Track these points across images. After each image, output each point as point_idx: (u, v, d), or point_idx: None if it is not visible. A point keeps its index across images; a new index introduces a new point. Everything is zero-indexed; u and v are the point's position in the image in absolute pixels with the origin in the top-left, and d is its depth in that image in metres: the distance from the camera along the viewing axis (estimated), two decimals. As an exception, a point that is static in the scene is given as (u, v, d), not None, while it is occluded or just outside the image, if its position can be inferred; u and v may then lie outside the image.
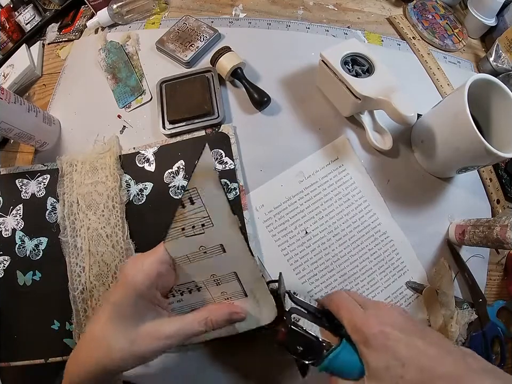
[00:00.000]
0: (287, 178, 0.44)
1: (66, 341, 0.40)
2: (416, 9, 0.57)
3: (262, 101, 0.45)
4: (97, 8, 0.55)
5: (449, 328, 0.40)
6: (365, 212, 0.43)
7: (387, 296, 0.41)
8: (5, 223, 0.44)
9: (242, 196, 0.42)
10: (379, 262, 0.42)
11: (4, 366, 0.40)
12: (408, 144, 0.46)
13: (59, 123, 0.50)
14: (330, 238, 0.42)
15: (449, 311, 0.40)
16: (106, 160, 0.44)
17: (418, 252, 0.42)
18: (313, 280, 0.41)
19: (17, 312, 0.42)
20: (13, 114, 0.41)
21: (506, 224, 0.35)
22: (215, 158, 0.44)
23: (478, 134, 0.34)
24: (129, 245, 0.41)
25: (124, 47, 0.52)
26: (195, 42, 0.51)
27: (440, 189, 0.45)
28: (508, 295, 0.44)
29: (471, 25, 0.57)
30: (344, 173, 0.44)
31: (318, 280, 0.41)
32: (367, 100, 0.40)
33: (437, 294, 0.41)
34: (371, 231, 0.42)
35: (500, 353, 0.40)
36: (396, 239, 0.42)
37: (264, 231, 0.42)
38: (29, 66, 0.54)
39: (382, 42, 0.54)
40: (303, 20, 0.54)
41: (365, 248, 0.42)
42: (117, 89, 0.50)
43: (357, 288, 0.41)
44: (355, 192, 0.43)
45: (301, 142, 0.45)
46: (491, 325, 0.40)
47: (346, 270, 0.41)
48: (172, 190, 0.43)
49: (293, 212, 0.42)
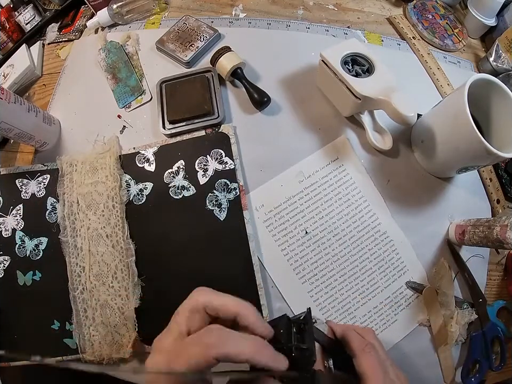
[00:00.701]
0: (287, 178, 0.44)
1: (66, 341, 0.40)
2: (416, 9, 0.57)
3: (262, 101, 0.45)
4: (97, 8, 0.55)
5: (449, 328, 0.40)
6: (365, 211, 0.43)
7: (387, 296, 0.41)
8: (5, 223, 0.44)
9: (242, 196, 0.42)
10: (379, 262, 0.42)
11: (4, 366, 0.40)
12: (408, 144, 0.46)
13: (59, 123, 0.50)
14: (330, 238, 0.42)
15: (449, 311, 0.40)
16: (106, 160, 0.44)
17: (418, 252, 0.42)
18: (313, 280, 0.41)
19: (17, 312, 0.42)
20: (13, 114, 0.41)
21: (506, 224, 0.35)
22: (215, 158, 0.44)
23: (478, 134, 0.34)
24: (129, 245, 0.41)
25: (124, 47, 0.52)
26: (195, 42, 0.51)
27: (440, 189, 0.45)
28: (508, 295, 0.44)
29: (471, 25, 0.57)
30: (344, 173, 0.44)
31: (318, 280, 0.41)
32: (367, 100, 0.40)
33: (437, 294, 0.41)
34: (371, 231, 0.42)
35: (500, 353, 0.40)
36: (396, 239, 0.42)
37: (264, 231, 0.42)
38: (29, 66, 0.54)
39: (382, 42, 0.54)
40: (303, 20, 0.54)
41: (365, 248, 0.42)
42: (117, 89, 0.50)
43: (357, 288, 0.41)
44: (355, 192, 0.43)
45: (301, 142, 0.45)
46: (491, 325, 0.40)
47: (346, 270, 0.41)
48: (172, 190, 0.43)
49: (293, 212, 0.43)
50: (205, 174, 0.43)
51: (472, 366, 0.40)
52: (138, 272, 0.41)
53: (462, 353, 0.41)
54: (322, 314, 0.41)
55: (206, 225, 0.42)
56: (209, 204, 0.42)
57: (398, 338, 0.41)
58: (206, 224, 0.42)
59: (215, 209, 0.42)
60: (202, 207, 0.42)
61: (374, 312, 0.41)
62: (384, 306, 0.41)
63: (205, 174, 0.43)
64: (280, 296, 0.41)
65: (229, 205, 0.42)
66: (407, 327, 0.41)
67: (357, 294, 0.41)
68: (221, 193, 0.42)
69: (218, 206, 0.42)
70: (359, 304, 0.41)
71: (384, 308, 0.41)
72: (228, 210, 0.42)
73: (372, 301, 0.41)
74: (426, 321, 0.40)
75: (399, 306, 0.41)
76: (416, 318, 0.41)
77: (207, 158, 0.44)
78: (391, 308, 0.41)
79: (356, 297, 0.41)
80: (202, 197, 0.42)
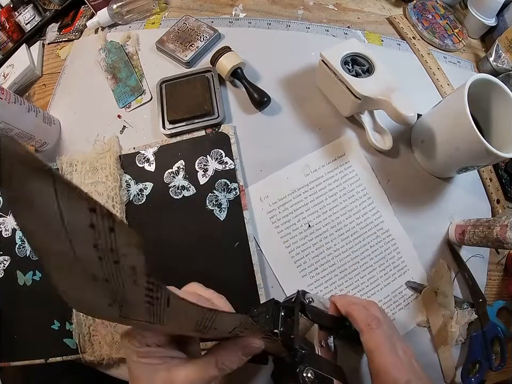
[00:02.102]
0: (293, 171, 0.44)
1: (66, 341, 0.40)
2: (416, 9, 0.57)
3: (262, 100, 0.45)
4: (97, 8, 0.55)
5: (449, 328, 0.40)
6: (368, 209, 0.43)
7: (386, 294, 0.41)
8: (5, 223, 0.44)
9: (242, 196, 0.42)
10: (380, 260, 0.42)
11: (4, 366, 0.40)
12: (408, 144, 0.46)
13: (59, 123, 0.50)
14: (332, 233, 0.42)
15: (448, 311, 0.40)
16: (106, 160, 0.44)
17: (418, 252, 0.42)
18: (314, 274, 0.41)
19: (17, 312, 0.42)
20: (13, 114, 0.41)
21: (506, 224, 0.35)
22: (215, 158, 0.44)
23: (478, 134, 0.34)
24: (129, 245, 0.41)
25: (124, 47, 0.52)
26: (195, 42, 0.51)
27: (440, 189, 0.45)
28: (508, 295, 0.44)
29: (471, 25, 0.57)
30: (350, 169, 0.44)
31: (319, 274, 0.41)
32: (367, 100, 0.40)
33: (436, 295, 0.41)
34: (373, 228, 0.42)
35: (500, 353, 0.40)
36: (398, 237, 0.42)
37: (268, 222, 0.42)
38: (29, 66, 0.54)
39: (382, 42, 0.54)
40: (303, 20, 0.54)
41: (366, 245, 0.42)
42: (117, 89, 0.50)
43: (356, 284, 0.41)
44: (360, 189, 0.43)
45: (301, 142, 0.45)
46: (491, 325, 0.40)
47: (347, 266, 0.41)
48: (172, 190, 0.43)
49: (297, 205, 0.43)
50: (205, 174, 0.43)
51: (472, 366, 0.40)
52: (138, 272, 0.41)
53: (462, 353, 0.41)
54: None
55: (206, 225, 0.42)
56: (209, 203, 0.42)
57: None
58: (206, 224, 0.42)
59: (215, 209, 0.42)
60: (202, 207, 0.42)
61: (372, 310, 0.41)
62: (383, 305, 0.41)
63: (205, 174, 0.43)
64: (279, 296, 0.40)
65: (229, 205, 0.42)
66: (405, 327, 0.41)
67: (356, 290, 0.41)
68: (221, 193, 0.42)
69: (218, 206, 0.42)
70: (358, 301, 0.41)
71: (382, 307, 0.41)
72: (228, 210, 0.42)
73: (371, 299, 0.41)
74: (425, 322, 0.40)
75: (398, 305, 0.41)
76: (414, 319, 0.41)
77: (207, 158, 0.44)
78: (390, 306, 0.41)
79: (355, 294, 0.41)
80: (202, 197, 0.42)
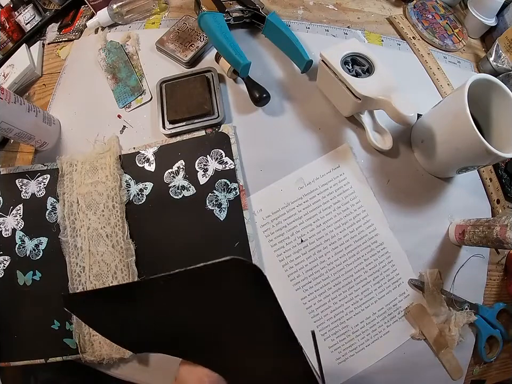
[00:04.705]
0: (287, 184, 0.43)
1: (66, 340, 0.40)
2: (416, 9, 0.57)
3: (261, 97, 0.45)
4: (97, 8, 0.55)
5: (448, 332, 0.39)
6: (363, 222, 0.42)
7: (380, 307, 0.41)
8: (5, 223, 0.44)
9: (242, 196, 0.42)
10: (374, 273, 0.41)
11: (4, 366, 0.40)
12: (408, 144, 0.46)
13: (59, 123, 0.50)
14: (326, 246, 0.42)
15: (442, 317, 0.40)
16: (106, 160, 0.44)
17: (418, 252, 0.42)
18: (307, 287, 0.41)
19: (17, 312, 0.42)
20: (13, 114, 0.41)
21: (506, 224, 0.35)
22: (215, 158, 0.44)
23: (478, 134, 0.34)
24: (129, 244, 0.41)
25: (124, 47, 0.52)
26: (195, 42, 0.51)
27: (440, 189, 0.45)
28: (507, 296, 0.44)
29: (471, 25, 0.57)
30: (344, 181, 0.44)
31: (312, 288, 0.41)
32: (367, 100, 0.40)
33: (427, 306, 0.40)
34: (368, 242, 0.42)
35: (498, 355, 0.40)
36: (392, 251, 0.42)
37: (261, 235, 0.42)
38: (29, 66, 0.54)
39: (382, 42, 0.54)
40: (303, 20, 0.54)
41: (360, 258, 0.42)
42: (117, 89, 0.50)
43: (350, 297, 0.41)
44: (354, 202, 0.43)
45: (301, 141, 0.45)
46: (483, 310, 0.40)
47: (341, 279, 0.41)
48: (172, 190, 0.43)
49: (291, 218, 0.42)
50: (205, 174, 0.43)
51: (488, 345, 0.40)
52: (138, 272, 0.41)
53: (463, 352, 0.41)
54: (314, 322, 0.40)
55: (206, 225, 0.42)
56: (209, 203, 0.42)
57: (388, 350, 0.40)
58: (206, 224, 0.42)
59: (215, 209, 0.42)
60: (202, 207, 0.42)
61: (366, 322, 0.40)
62: (377, 317, 0.41)
63: (205, 174, 0.43)
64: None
65: (229, 205, 0.42)
66: (399, 340, 0.40)
67: (350, 303, 0.41)
68: (221, 193, 0.42)
69: (218, 206, 0.42)
70: (351, 314, 0.41)
71: (377, 319, 0.41)
72: (228, 210, 0.42)
73: (365, 311, 0.41)
74: (419, 334, 0.40)
75: (392, 318, 0.41)
76: (409, 331, 0.41)
77: (207, 158, 0.44)
78: (384, 319, 0.41)
79: (349, 307, 0.41)
80: (202, 197, 0.42)
